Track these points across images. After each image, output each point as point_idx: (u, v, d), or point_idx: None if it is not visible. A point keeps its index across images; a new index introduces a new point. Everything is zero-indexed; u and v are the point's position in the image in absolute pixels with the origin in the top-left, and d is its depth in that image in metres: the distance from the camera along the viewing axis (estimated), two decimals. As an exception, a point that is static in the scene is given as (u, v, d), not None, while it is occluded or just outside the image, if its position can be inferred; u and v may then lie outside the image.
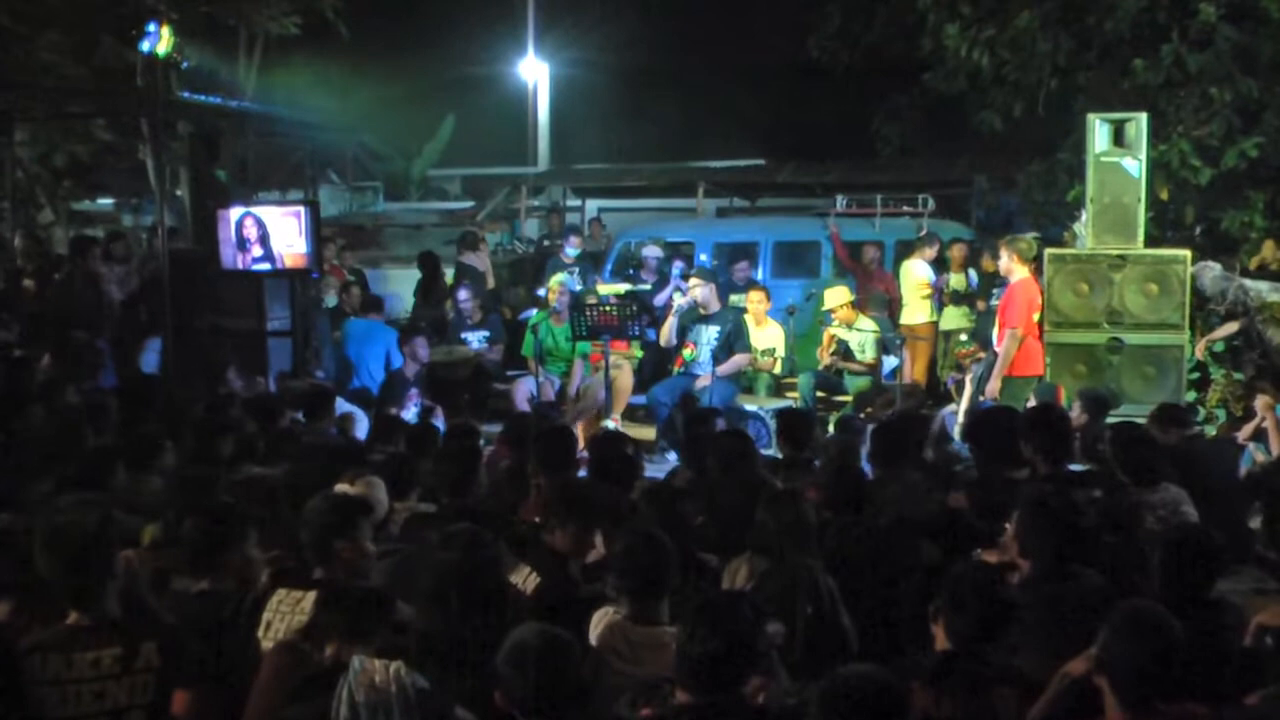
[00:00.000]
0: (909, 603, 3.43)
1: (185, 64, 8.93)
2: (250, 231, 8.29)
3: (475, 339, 9.39)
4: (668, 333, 8.43)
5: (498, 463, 5.37)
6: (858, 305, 9.13)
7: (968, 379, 7.50)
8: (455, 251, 11.99)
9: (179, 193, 9.15)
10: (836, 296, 9.01)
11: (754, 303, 9.13)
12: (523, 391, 8.51)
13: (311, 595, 3.15)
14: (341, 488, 4.03)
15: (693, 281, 8.49)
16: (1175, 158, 8.95)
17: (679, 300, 8.42)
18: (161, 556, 3.70)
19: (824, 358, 9.08)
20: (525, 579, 3.63)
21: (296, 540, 3.56)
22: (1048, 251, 7.74)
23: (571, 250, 11.08)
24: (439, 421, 7.77)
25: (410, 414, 7.45)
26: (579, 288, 10.08)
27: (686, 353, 8.35)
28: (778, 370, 9.09)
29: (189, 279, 8.29)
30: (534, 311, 9.49)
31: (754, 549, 3.70)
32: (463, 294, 9.52)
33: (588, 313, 8.17)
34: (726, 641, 2.56)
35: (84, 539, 2.83)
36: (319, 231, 8.56)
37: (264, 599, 3.33)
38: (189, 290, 8.29)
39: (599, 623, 3.16)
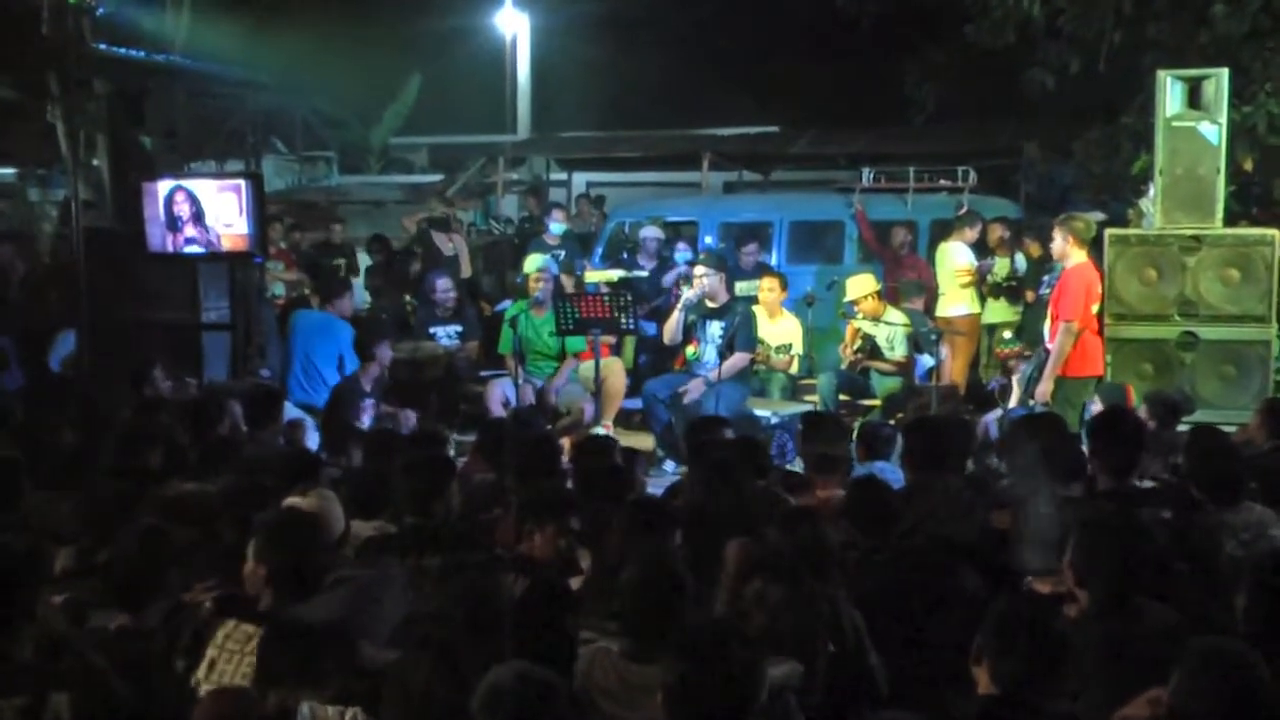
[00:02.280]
0: (947, 639, 3.42)
1: (101, 9, 8.87)
2: (182, 208, 8.26)
3: (445, 334, 9.37)
4: (673, 329, 8.41)
5: (470, 476, 5.36)
6: (885, 295, 9.12)
7: (1014, 380, 7.49)
8: (416, 232, 11.98)
9: (95, 162, 9.09)
10: (861, 286, 9.00)
11: (766, 291, 9.12)
12: (497, 395, 8.50)
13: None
14: (291, 501, 4.02)
15: (699, 270, 8.48)
16: (1261, 121, 8.93)
17: (687, 293, 8.40)
18: (76, 587, 3.68)
19: (847, 355, 9.06)
20: (511, 585, 3.65)
21: (237, 567, 3.55)
22: (1109, 232, 7.74)
23: (556, 228, 11.07)
24: (405, 429, 7.80)
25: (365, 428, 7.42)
26: (563, 272, 10.08)
27: (690, 350, 8.35)
28: (794, 370, 9.09)
29: (108, 263, 8.25)
30: (511, 303, 9.48)
31: (765, 575, 3.68)
32: (441, 282, 9.48)
33: (574, 303, 8.16)
34: (721, 683, 2.56)
35: (3, 572, 2.81)
36: (263, 209, 8.51)
37: (206, 632, 3.32)
38: (108, 276, 8.24)
39: (588, 658, 3.18)
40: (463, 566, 3.34)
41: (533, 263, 9.30)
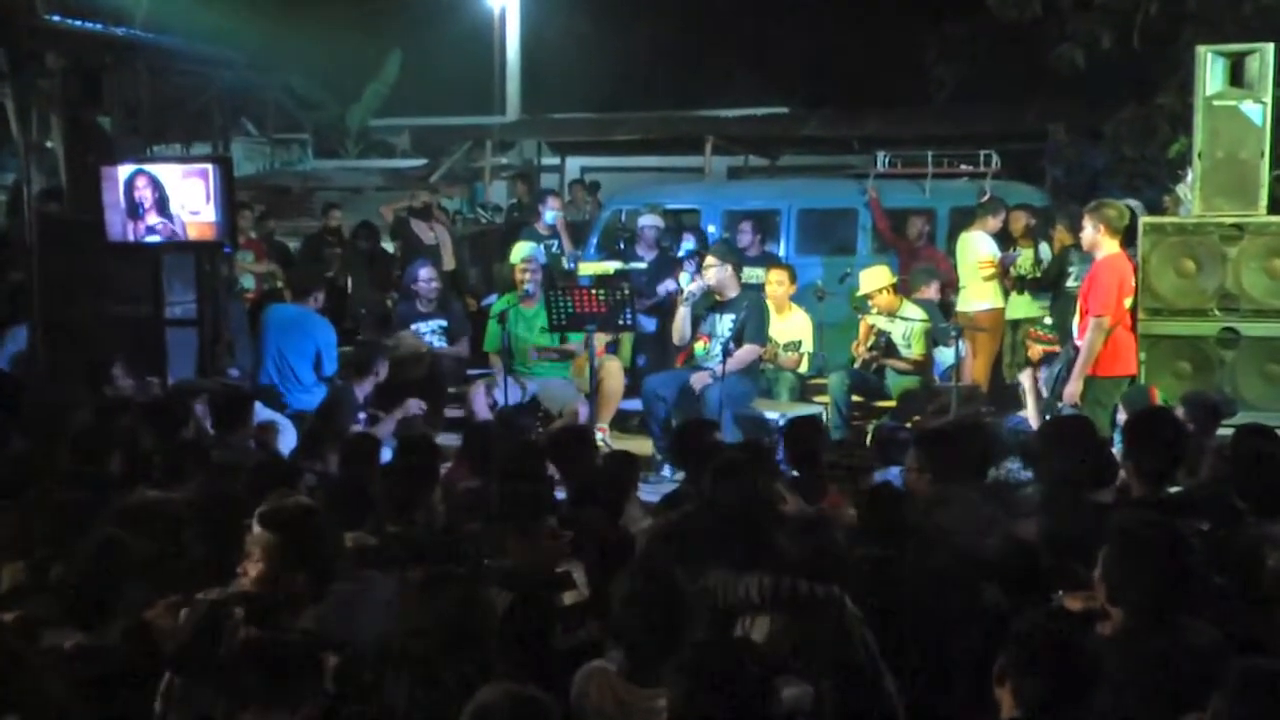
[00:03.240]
0: (967, 659, 3.41)
1: (54, -23, 8.86)
2: (144, 194, 8.24)
3: (429, 330, 9.36)
4: (680, 326, 8.38)
5: (455, 484, 5.35)
6: (901, 289, 9.11)
7: (1040, 379, 7.49)
8: (394, 221, 11.97)
9: (49, 144, 9.07)
10: (875, 278, 8.99)
11: (774, 285, 9.12)
12: (482, 396, 8.47)
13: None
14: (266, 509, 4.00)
15: (708, 261, 8.49)
16: (1309, 100, 8.91)
17: (689, 286, 8.41)
18: (27, 604, 3.67)
19: (860, 353, 9.06)
20: (494, 599, 3.66)
21: (205, 581, 3.55)
22: (1143, 220, 7.73)
23: (550, 216, 11.06)
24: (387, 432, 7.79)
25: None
26: (563, 263, 10.08)
27: (699, 346, 8.34)
28: (804, 369, 9.09)
29: (64, 253, 8.23)
30: (498, 297, 9.47)
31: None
32: (424, 273, 9.46)
33: (567, 297, 8.14)
34: (731, 705, 2.54)
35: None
36: (232, 195, 8.50)
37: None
38: (64, 267, 8.23)
39: (584, 677, 3.18)
40: (443, 579, 3.34)
41: (518, 252, 9.31)
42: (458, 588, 3.28)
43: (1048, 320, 9.04)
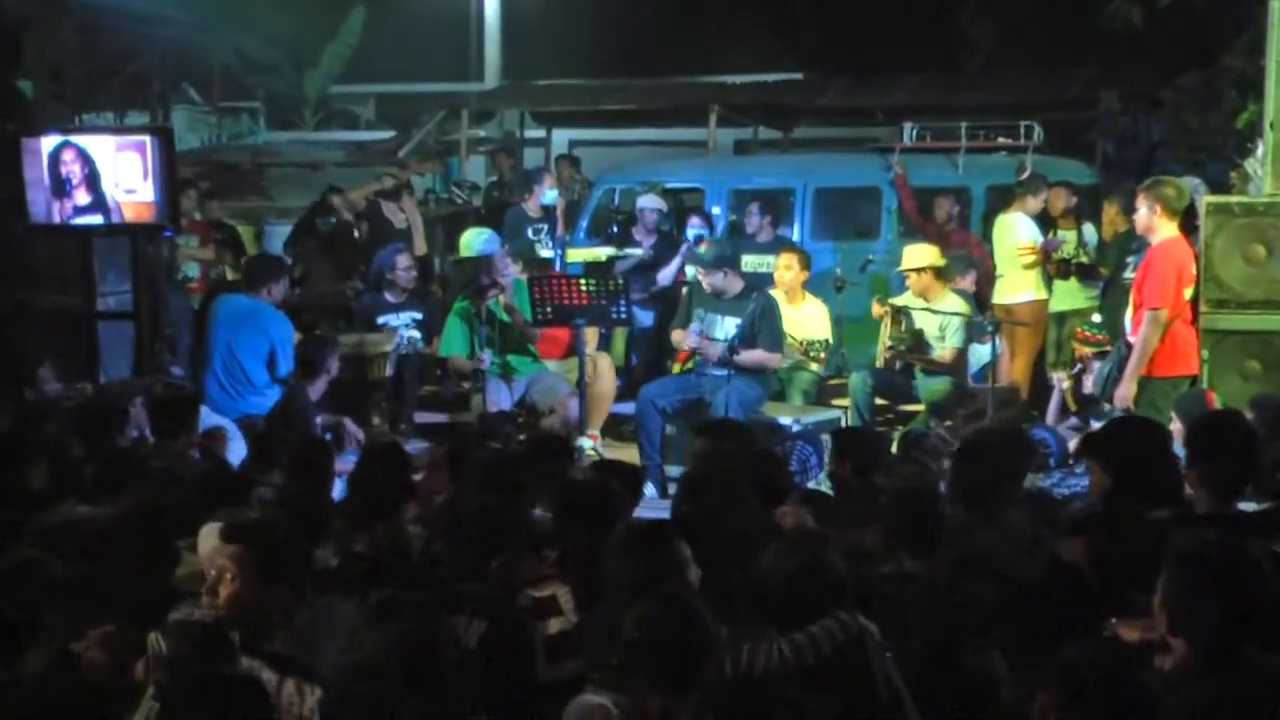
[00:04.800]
0: (1004, 694, 3.38)
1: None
2: (71, 169, 8.23)
3: (401, 324, 9.33)
4: (684, 333, 8.34)
5: (430, 497, 5.35)
6: (943, 276, 9.08)
7: (1088, 380, 7.48)
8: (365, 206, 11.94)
9: (-41, 113, 9.06)
10: (920, 256, 8.96)
11: (783, 270, 9.10)
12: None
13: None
14: (210, 530, 3.99)
15: (701, 271, 8.47)
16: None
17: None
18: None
19: (885, 343, 8.99)
20: (466, 628, 3.67)
21: (141, 608, 3.53)
22: (1206, 200, 7.72)
23: (548, 196, 11.01)
24: (358, 435, 7.77)
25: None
26: (552, 251, 10.03)
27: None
28: (817, 367, 9.08)
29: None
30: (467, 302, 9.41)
31: (780, 628, 3.66)
32: (402, 260, 9.43)
33: (551, 288, 8.12)
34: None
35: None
36: (173, 171, 8.50)
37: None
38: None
39: (578, 715, 3.18)
40: (396, 606, 3.32)
41: (471, 243, 9.19)
42: (413, 615, 3.26)
43: (1096, 317, 9.03)
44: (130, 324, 8.63)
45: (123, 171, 8.24)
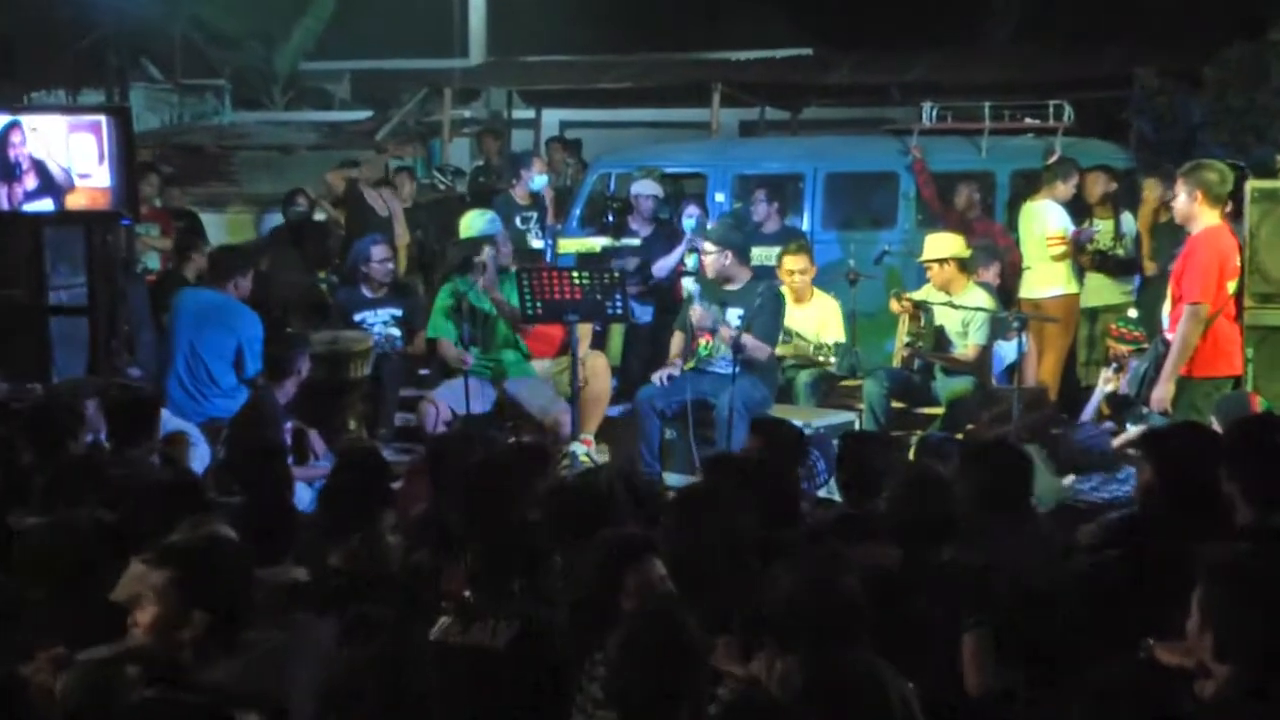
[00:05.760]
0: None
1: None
2: (20, 152, 8.23)
3: (379, 321, 9.32)
4: (702, 312, 8.34)
5: (408, 508, 5.34)
6: (967, 268, 9.07)
7: (1123, 379, 7.47)
8: (345, 190, 11.95)
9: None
10: (943, 245, 8.93)
11: (789, 273, 9.10)
12: (432, 417, 8.44)
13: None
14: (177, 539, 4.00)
15: (706, 248, 8.48)
16: None
17: (688, 284, 8.41)
18: None
19: (903, 340, 8.99)
20: (494, 631, 3.74)
21: (94, 628, 3.52)
22: (1251, 185, 7.72)
23: (536, 181, 11.00)
24: (318, 447, 7.77)
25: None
26: (543, 241, 10.02)
27: (702, 345, 8.35)
28: (831, 365, 9.08)
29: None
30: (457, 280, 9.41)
31: (781, 643, 3.67)
32: (378, 251, 9.41)
33: (541, 282, 8.11)
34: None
35: None
36: (131, 155, 8.49)
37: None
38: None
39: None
40: (368, 625, 3.32)
41: (471, 224, 9.20)
42: (387, 635, 3.26)
43: (1132, 312, 9.02)
44: (84, 320, 8.63)
45: (77, 155, 8.24)
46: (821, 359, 8.95)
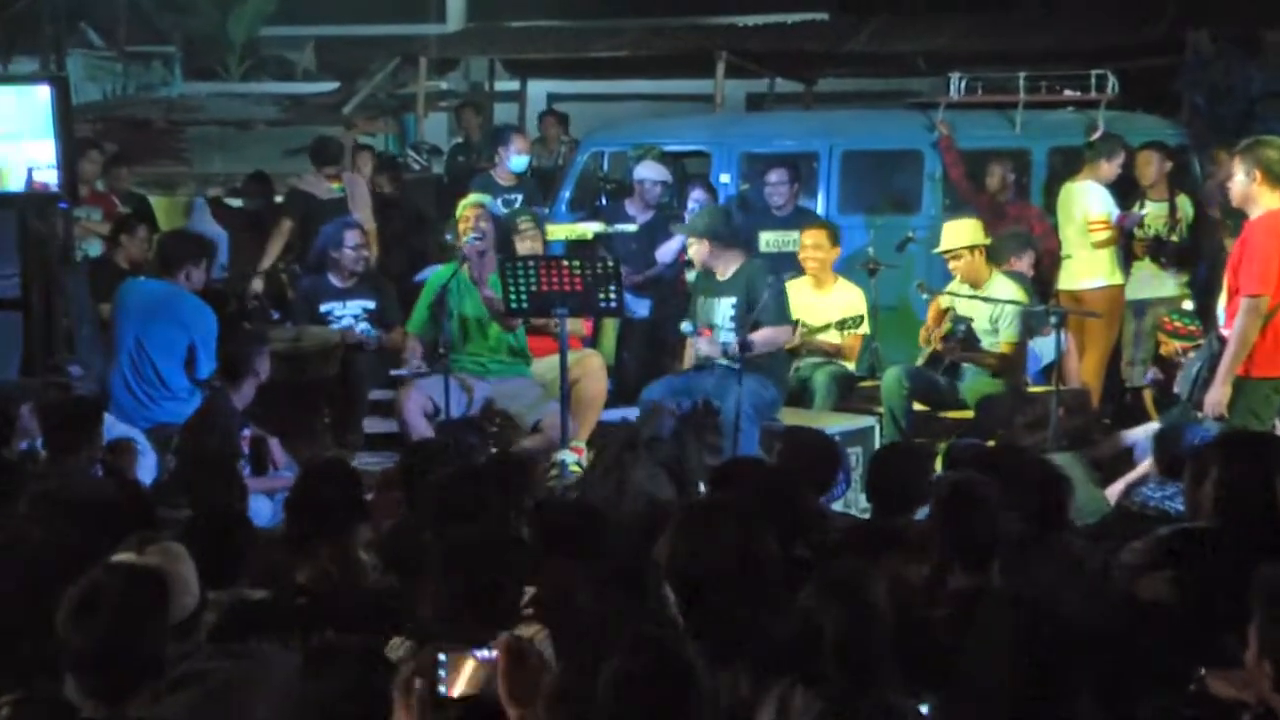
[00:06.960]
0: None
1: None
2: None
3: (349, 313, 9.31)
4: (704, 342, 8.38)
5: (378, 522, 5.36)
6: (993, 256, 9.08)
7: (1177, 378, 7.47)
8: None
9: None
10: (961, 233, 8.93)
11: (809, 249, 9.09)
12: (416, 403, 8.45)
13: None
14: (123, 558, 3.98)
15: (689, 243, 8.52)
16: None
17: (692, 276, 8.44)
18: None
19: (934, 342, 8.98)
20: (535, 636, 3.78)
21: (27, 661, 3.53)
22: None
23: (516, 162, 10.99)
24: (278, 457, 7.77)
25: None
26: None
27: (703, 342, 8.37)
28: (850, 362, 9.09)
29: None
30: (436, 269, 9.42)
31: (800, 677, 3.66)
32: (350, 235, 9.40)
33: (530, 270, 8.11)
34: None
35: None
36: (69, 130, 8.49)
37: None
38: None
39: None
40: (329, 655, 3.31)
41: (467, 202, 9.21)
42: (349, 666, 3.25)
43: (1188, 304, 9.02)
44: (19, 314, 8.64)
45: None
46: (851, 335, 8.95)
